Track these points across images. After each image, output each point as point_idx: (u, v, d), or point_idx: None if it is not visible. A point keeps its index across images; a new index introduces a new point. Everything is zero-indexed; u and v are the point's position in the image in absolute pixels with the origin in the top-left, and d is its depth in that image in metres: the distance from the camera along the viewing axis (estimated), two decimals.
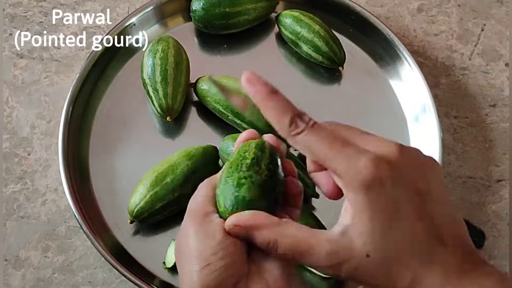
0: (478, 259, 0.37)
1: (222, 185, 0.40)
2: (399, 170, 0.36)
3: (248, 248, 0.39)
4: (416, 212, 0.35)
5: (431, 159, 0.38)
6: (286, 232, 0.37)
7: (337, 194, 0.39)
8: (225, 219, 0.39)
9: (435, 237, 0.36)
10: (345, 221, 0.36)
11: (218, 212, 0.40)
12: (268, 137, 0.44)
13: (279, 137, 0.39)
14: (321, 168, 0.40)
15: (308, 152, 0.37)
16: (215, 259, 0.37)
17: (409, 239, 0.35)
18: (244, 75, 0.39)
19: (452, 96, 0.72)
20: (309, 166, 0.40)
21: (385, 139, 0.38)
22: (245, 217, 0.38)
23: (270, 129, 0.41)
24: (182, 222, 0.40)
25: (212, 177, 0.43)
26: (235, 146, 0.43)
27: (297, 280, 0.41)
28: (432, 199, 0.36)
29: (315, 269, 0.38)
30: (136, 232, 0.61)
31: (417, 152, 0.38)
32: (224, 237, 0.38)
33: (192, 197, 0.42)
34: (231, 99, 0.42)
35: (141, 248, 0.61)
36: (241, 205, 0.39)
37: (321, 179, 0.40)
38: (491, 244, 0.65)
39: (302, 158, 0.64)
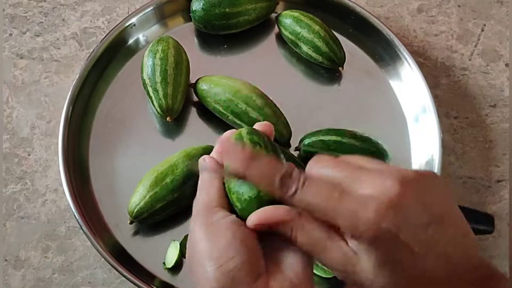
0: (492, 273, 0.36)
1: (235, 182, 0.40)
2: (402, 208, 0.34)
3: (264, 245, 0.39)
4: (425, 246, 0.35)
5: (432, 178, 0.37)
6: (304, 228, 0.37)
7: None
8: (241, 216, 0.39)
9: (446, 263, 0.35)
10: (356, 248, 0.36)
11: (228, 208, 0.40)
12: (258, 125, 0.44)
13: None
14: None
15: (309, 210, 0.37)
16: (227, 259, 0.37)
17: (420, 276, 0.35)
18: (217, 145, 0.39)
19: (452, 97, 0.73)
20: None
21: (382, 172, 0.36)
22: (265, 214, 0.38)
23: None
24: (190, 224, 0.40)
25: (214, 166, 0.42)
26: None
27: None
28: (438, 225, 0.35)
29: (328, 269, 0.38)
30: (136, 233, 0.61)
31: (417, 177, 0.36)
32: (233, 236, 0.37)
33: (196, 197, 0.41)
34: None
35: (141, 248, 0.61)
36: (259, 202, 0.38)
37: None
38: (491, 244, 0.65)
39: (302, 158, 0.64)
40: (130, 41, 0.72)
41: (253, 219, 0.38)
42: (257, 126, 0.44)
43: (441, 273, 0.35)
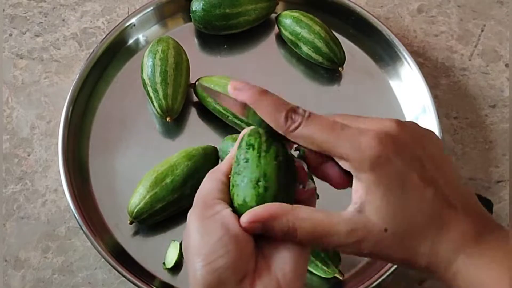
0: (491, 222, 0.37)
1: (236, 177, 0.40)
2: (402, 143, 0.37)
3: (257, 244, 0.39)
4: (423, 181, 0.36)
5: (429, 131, 0.40)
6: (302, 215, 0.37)
7: (345, 182, 0.39)
8: (238, 211, 0.39)
9: (445, 202, 0.36)
10: (359, 200, 0.36)
11: (227, 205, 0.39)
12: None
13: (279, 135, 0.39)
14: (323, 160, 0.40)
15: (309, 143, 0.38)
16: (216, 257, 0.36)
17: (422, 208, 0.36)
18: (231, 84, 0.40)
19: (452, 97, 0.73)
20: (312, 160, 0.41)
21: (382, 118, 0.38)
22: (259, 211, 0.38)
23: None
24: (188, 213, 0.40)
25: (216, 169, 0.42)
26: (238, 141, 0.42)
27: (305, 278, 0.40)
28: (436, 167, 0.37)
29: (336, 249, 0.38)
30: (136, 233, 0.61)
31: (415, 125, 0.39)
32: (224, 233, 0.37)
33: (198, 190, 0.41)
34: (226, 103, 0.42)
35: (141, 248, 0.61)
36: (264, 198, 0.38)
37: (326, 170, 0.40)
38: None
39: (303, 158, 0.64)
40: (130, 42, 0.72)
41: (246, 217, 0.38)
42: None
43: (442, 207, 0.36)
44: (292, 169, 0.40)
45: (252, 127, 0.42)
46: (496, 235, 0.36)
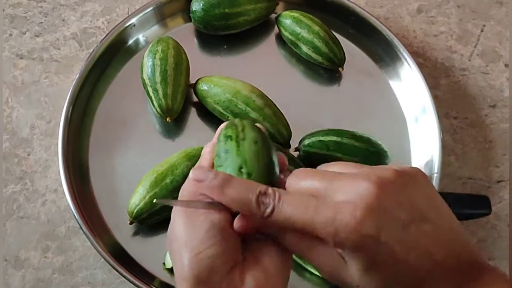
0: (481, 263, 0.36)
1: (219, 170, 0.40)
2: (381, 210, 0.34)
3: (243, 240, 0.40)
4: (406, 247, 0.35)
5: (414, 173, 0.37)
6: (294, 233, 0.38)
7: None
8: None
9: (431, 261, 0.35)
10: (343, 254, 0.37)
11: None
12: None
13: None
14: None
15: (288, 226, 0.36)
16: (204, 247, 0.37)
17: (403, 277, 0.35)
18: (192, 174, 0.39)
19: (451, 97, 0.73)
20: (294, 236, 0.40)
21: (358, 176, 0.36)
22: (253, 221, 0.38)
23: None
24: (172, 212, 0.40)
25: (197, 166, 0.42)
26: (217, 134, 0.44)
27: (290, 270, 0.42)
28: (421, 223, 0.35)
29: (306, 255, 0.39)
30: (135, 233, 0.61)
31: (395, 175, 0.36)
32: (211, 226, 0.38)
33: (181, 188, 0.42)
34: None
35: (140, 249, 0.61)
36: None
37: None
38: (491, 245, 0.65)
39: (302, 159, 0.64)
40: (130, 42, 0.72)
41: (239, 225, 0.38)
42: None
43: (424, 271, 0.35)
44: (271, 154, 0.41)
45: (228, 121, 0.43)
46: (486, 277, 0.35)
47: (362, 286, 0.36)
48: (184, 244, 0.37)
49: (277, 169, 0.41)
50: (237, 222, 0.38)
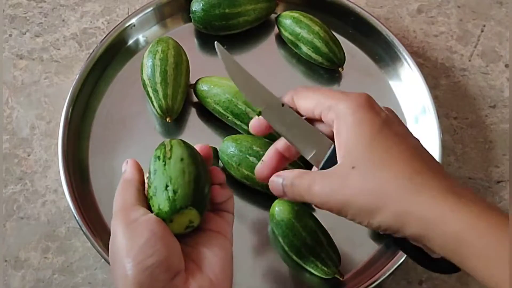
0: (463, 186, 0.39)
1: (150, 189, 0.43)
2: (376, 108, 0.42)
3: (183, 249, 0.41)
4: (401, 138, 0.39)
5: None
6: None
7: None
8: (162, 218, 0.41)
9: (419, 160, 0.38)
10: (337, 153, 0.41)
11: (146, 207, 0.42)
12: (198, 147, 0.47)
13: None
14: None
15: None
16: (145, 257, 0.37)
17: (395, 155, 0.38)
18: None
19: (452, 97, 0.73)
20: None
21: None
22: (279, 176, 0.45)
23: None
24: (111, 224, 0.42)
25: (125, 183, 0.45)
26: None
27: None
28: (409, 139, 0.40)
29: (314, 199, 0.42)
30: None
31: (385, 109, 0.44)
32: (151, 235, 0.39)
33: (115, 197, 0.43)
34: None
35: None
36: (175, 201, 0.41)
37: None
38: None
39: (302, 159, 0.64)
40: (130, 42, 0.72)
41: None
42: (198, 147, 0.47)
43: (414, 163, 0.38)
44: (198, 169, 0.43)
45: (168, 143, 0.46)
46: (469, 191, 0.37)
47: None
48: (125, 254, 0.38)
49: (206, 184, 0.43)
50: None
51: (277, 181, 0.44)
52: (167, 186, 0.41)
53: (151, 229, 0.39)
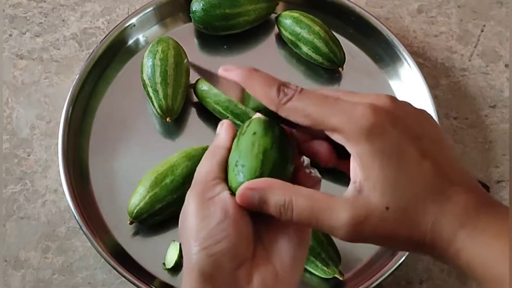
0: (490, 198, 0.36)
1: (228, 162, 0.39)
2: (397, 116, 0.35)
3: (256, 232, 0.38)
4: (421, 153, 0.34)
5: (423, 109, 0.38)
6: (301, 191, 0.36)
7: (333, 158, 0.39)
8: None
9: (444, 176, 0.35)
10: (357, 178, 0.35)
11: (227, 186, 0.38)
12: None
13: (276, 117, 0.38)
14: (312, 138, 0.39)
15: (302, 116, 0.36)
16: (213, 242, 0.36)
17: (421, 181, 0.34)
18: (221, 68, 0.39)
19: (452, 97, 0.73)
20: (301, 136, 0.40)
21: (375, 94, 0.37)
22: (258, 181, 0.37)
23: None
24: (186, 194, 0.39)
25: (214, 149, 0.41)
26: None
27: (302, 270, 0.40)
28: (432, 142, 0.36)
29: (335, 233, 0.36)
30: (136, 233, 0.61)
31: (408, 103, 0.38)
32: (224, 218, 0.36)
33: (198, 166, 0.40)
34: (222, 87, 0.41)
35: (141, 249, 0.61)
36: (243, 180, 0.37)
37: (314, 147, 0.39)
38: None
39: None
40: (130, 42, 0.72)
41: (244, 185, 0.36)
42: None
43: (434, 182, 0.35)
44: (280, 144, 0.39)
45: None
46: (497, 210, 0.35)
47: (389, 202, 0.34)
48: (193, 234, 0.36)
49: (283, 160, 0.39)
50: (241, 187, 0.37)
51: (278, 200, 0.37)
52: (236, 161, 0.38)
53: (225, 211, 0.36)
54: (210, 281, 0.35)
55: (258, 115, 0.41)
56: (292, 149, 0.40)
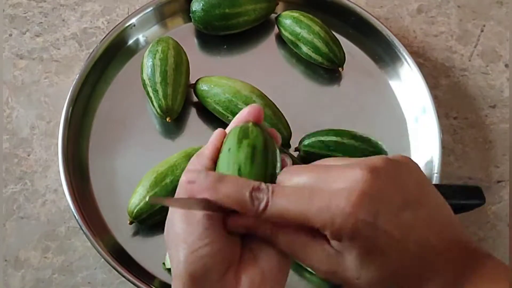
0: (475, 254, 0.36)
1: (222, 164, 0.39)
2: (374, 198, 0.34)
3: (244, 236, 0.39)
4: (403, 232, 0.34)
5: (404, 161, 0.37)
6: (284, 232, 0.37)
7: None
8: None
9: (430, 251, 0.35)
10: (339, 248, 0.35)
11: None
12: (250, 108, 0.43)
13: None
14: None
15: (283, 219, 0.36)
16: (201, 245, 0.36)
17: (406, 266, 0.35)
18: (184, 177, 0.38)
19: (451, 97, 0.73)
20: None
21: (351, 165, 0.36)
22: (243, 219, 0.38)
23: None
24: (170, 207, 0.39)
25: (198, 157, 0.41)
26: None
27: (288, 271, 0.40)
28: (415, 210, 0.35)
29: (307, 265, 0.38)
30: (135, 233, 0.61)
31: (387, 164, 0.36)
32: (210, 222, 0.37)
33: (181, 176, 0.40)
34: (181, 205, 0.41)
35: (140, 249, 0.61)
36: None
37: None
38: (490, 245, 0.65)
39: (302, 159, 0.64)
40: (130, 42, 0.72)
41: (230, 224, 0.37)
42: (248, 109, 0.43)
43: (423, 258, 0.35)
44: (260, 159, 0.39)
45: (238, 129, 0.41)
46: (481, 271, 0.35)
47: (361, 277, 0.35)
48: (181, 240, 0.37)
49: (265, 167, 0.39)
50: (228, 222, 0.38)
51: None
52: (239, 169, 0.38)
53: (210, 217, 0.37)
54: (199, 283, 0.36)
55: (238, 120, 0.41)
56: (273, 154, 0.40)
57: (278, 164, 0.40)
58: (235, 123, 0.42)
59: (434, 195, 0.37)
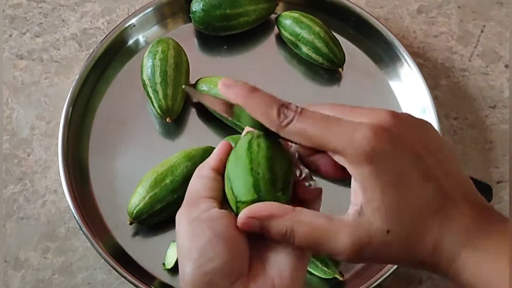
0: (492, 212, 0.36)
1: (233, 174, 0.38)
2: (397, 136, 0.35)
3: (253, 244, 0.38)
4: (422, 175, 0.34)
5: (424, 121, 0.38)
6: (302, 219, 0.35)
7: (338, 171, 0.38)
8: (237, 212, 0.37)
9: (445, 196, 0.35)
10: (358, 201, 0.34)
11: (214, 202, 0.38)
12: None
13: (274, 134, 0.37)
14: (315, 151, 0.38)
15: (303, 139, 0.36)
16: (204, 261, 0.35)
17: (423, 203, 0.34)
18: (221, 81, 0.38)
19: (451, 98, 0.73)
20: (304, 151, 0.39)
21: (376, 108, 0.36)
22: (258, 207, 0.36)
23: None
24: (176, 214, 0.39)
25: (202, 167, 0.40)
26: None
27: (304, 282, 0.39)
28: (433, 157, 0.35)
29: (337, 257, 0.36)
30: (135, 233, 0.61)
31: (410, 116, 0.37)
32: (212, 235, 0.36)
33: (188, 188, 0.40)
34: (210, 103, 0.41)
35: (140, 249, 0.61)
36: (262, 195, 0.36)
37: (318, 160, 0.38)
38: None
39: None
40: (130, 42, 0.72)
41: (244, 213, 0.36)
42: None
43: (437, 204, 0.35)
44: (273, 167, 0.38)
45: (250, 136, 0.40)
46: (498, 226, 0.35)
47: (392, 226, 0.34)
48: (186, 255, 0.36)
49: (287, 179, 0.39)
50: (241, 214, 0.36)
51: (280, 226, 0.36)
52: (230, 186, 0.38)
53: (213, 228, 0.36)
54: None
55: (248, 128, 0.41)
56: (287, 164, 0.39)
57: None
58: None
59: (453, 156, 0.37)
